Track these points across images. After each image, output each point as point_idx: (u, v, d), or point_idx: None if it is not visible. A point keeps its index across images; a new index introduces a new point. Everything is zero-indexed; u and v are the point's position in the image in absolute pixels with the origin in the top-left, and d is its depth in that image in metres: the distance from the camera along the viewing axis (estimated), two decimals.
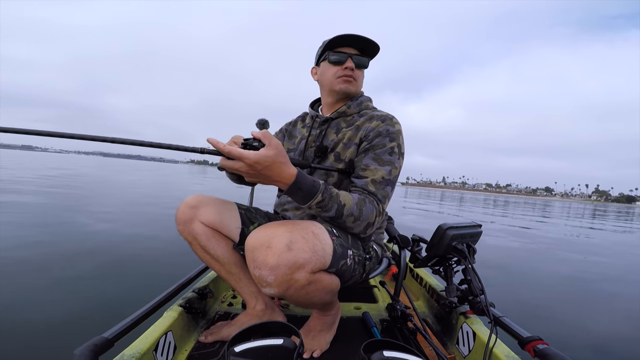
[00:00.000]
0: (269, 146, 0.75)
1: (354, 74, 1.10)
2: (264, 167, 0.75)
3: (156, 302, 1.06)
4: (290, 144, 1.27)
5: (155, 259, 2.95)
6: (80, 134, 0.70)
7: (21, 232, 3.47)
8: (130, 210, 5.71)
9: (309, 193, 0.84)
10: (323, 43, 1.13)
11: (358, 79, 1.12)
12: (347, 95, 1.14)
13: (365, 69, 1.15)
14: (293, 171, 0.80)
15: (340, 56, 1.09)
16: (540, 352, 0.86)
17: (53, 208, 5.12)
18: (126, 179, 15.17)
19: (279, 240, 0.78)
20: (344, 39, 1.08)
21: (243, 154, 0.72)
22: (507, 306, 2.48)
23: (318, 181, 0.87)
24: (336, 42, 1.09)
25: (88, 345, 0.76)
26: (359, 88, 1.15)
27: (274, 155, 0.75)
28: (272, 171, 0.77)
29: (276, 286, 0.79)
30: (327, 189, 0.88)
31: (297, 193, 0.83)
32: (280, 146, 0.77)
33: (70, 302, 1.95)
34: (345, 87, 1.10)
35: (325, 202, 0.87)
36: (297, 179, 0.81)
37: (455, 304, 1.25)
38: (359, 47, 1.10)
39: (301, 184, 0.82)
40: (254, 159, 0.73)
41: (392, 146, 1.02)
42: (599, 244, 6.87)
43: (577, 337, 2.11)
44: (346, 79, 1.10)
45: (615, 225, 12.50)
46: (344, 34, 1.08)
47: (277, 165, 0.76)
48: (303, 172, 0.84)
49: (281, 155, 0.77)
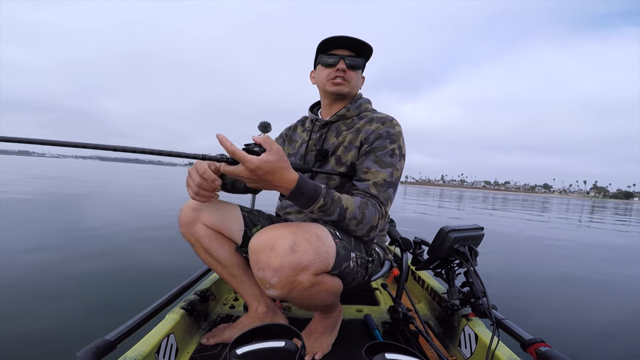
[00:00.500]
0: (269, 151, 0.75)
1: (347, 75, 1.09)
2: (265, 172, 0.75)
3: (158, 304, 1.06)
4: (290, 148, 1.26)
5: (157, 261, 2.96)
6: (88, 143, 0.64)
7: (20, 236, 3.49)
8: (133, 212, 5.73)
9: (311, 197, 0.84)
10: (318, 47, 1.13)
11: (352, 79, 1.11)
12: (341, 97, 1.14)
13: (360, 70, 1.14)
14: (294, 176, 0.80)
15: (332, 58, 1.09)
16: (543, 354, 0.86)
17: (55, 211, 5.14)
18: (126, 182, 15.24)
19: (282, 242, 0.78)
20: (336, 40, 1.08)
21: (246, 156, 0.72)
22: (508, 302, 2.46)
23: (320, 185, 0.87)
24: (328, 45, 1.09)
25: (90, 348, 0.76)
26: (354, 89, 1.14)
27: (275, 160, 0.75)
28: (274, 176, 0.77)
29: (280, 288, 0.80)
30: (329, 193, 0.88)
31: (298, 198, 0.83)
32: (281, 151, 0.77)
33: (73, 305, 1.96)
34: (337, 89, 1.10)
35: (328, 206, 0.87)
36: (299, 183, 0.81)
37: (457, 307, 1.24)
38: (352, 48, 1.10)
39: (303, 189, 0.82)
40: (255, 164, 0.73)
41: (393, 148, 1.02)
42: (598, 243, 6.83)
43: (579, 338, 2.09)
44: (338, 81, 1.09)
45: (615, 221, 12.45)
46: (335, 36, 1.07)
47: (278, 170, 0.76)
48: (304, 177, 0.84)
49: (282, 160, 0.77)
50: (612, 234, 8.61)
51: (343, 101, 1.16)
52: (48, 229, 3.85)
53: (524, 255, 4.89)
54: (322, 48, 1.11)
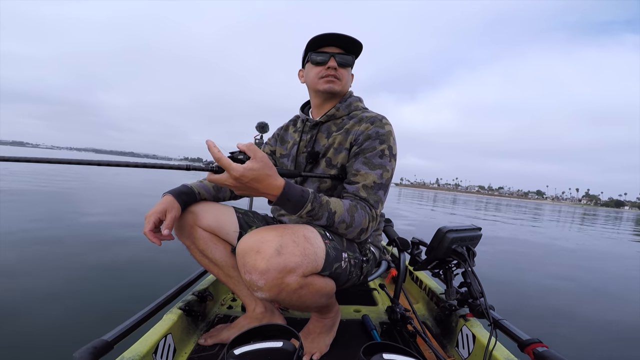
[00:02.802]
0: (254, 159, 0.76)
1: (338, 73, 1.07)
2: (250, 179, 0.76)
3: (156, 304, 1.06)
4: (282, 149, 1.25)
5: (154, 262, 2.95)
6: (74, 159, 0.78)
7: (17, 231, 3.47)
8: (131, 212, 5.71)
9: (298, 203, 0.85)
10: (307, 45, 1.10)
11: (343, 77, 1.09)
12: (333, 95, 1.11)
13: (350, 67, 1.11)
14: (280, 183, 0.81)
15: (322, 56, 1.06)
16: (540, 354, 0.87)
17: (52, 207, 5.11)
18: (123, 179, 15.19)
19: (268, 244, 0.79)
20: (326, 38, 1.05)
21: (231, 164, 0.74)
22: (507, 297, 2.47)
23: (307, 190, 0.87)
24: (318, 42, 1.06)
25: (87, 348, 0.76)
26: (345, 87, 1.12)
27: (259, 168, 0.76)
28: (260, 183, 0.78)
29: (267, 290, 0.80)
30: (316, 197, 0.88)
31: (286, 204, 0.84)
32: (266, 158, 0.78)
33: (70, 305, 1.95)
34: (329, 87, 1.07)
35: (316, 211, 0.87)
36: (285, 190, 0.82)
37: (455, 307, 1.25)
38: (341, 46, 1.07)
39: (289, 195, 0.83)
40: (240, 172, 0.74)
41: (383, 149, 1.01)
42: (594, 248, 6.86)
43: (576, 339, 2.10)
44: (330, 79, 1.07)
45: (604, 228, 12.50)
46: (325, 33, 1.04)
47: (263, 177, 0.77)
48: (291, 183, 0.84)
49: (267, 167, 0.78)
50: (609, 241, 8.64)
51: (333, 100, 1.13)
52: (43, 224, 3.84)
53: (523, 255, 4.91)
54: (312, 46, 1.08)
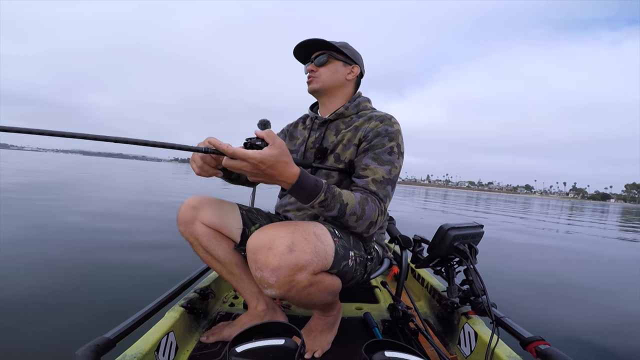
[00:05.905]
0: (272, 145, 0.75)
1: (315, 73, 1.15)
2: (268, 166, 0.75)
3: (158, 302, 1.06)
4: (291, 145, 1.28)
5: (157, 259, 2.96)
6: (90, 134, 0.63)
7: (15, 231, 3.48)
8: (131, 211, 5.72)
9: (312, 192, 0.85)
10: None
11: (321, 75, 1.15)
12: (322, 93, 1.18)
13: (327, 64, 1.15)
14: (296, 170, 0.81)
15: (304, 65, 1.20)
16: (542, 352, 0.86)
17: (51, 207, 5.13)
18: (120, 178, 15.23)
19: (280, 241, 0.78)
20: (298, 51, 1.17)
21: (247, 154, 0.72)
22: (508, 295, 2.47)
23: (321, 180, 0.88)
24: (297, 55, 1.19)
25: (90, 346, 0.76)
26: (327, 81, 1.16)
27: (278, 155, 0.75)
28: (276, 170, 0.77)
29: (278, 287, 0.80)
30: (329, 188, 0.88)
31: (300, 192, 0.84)
32: (284, 145, 0.78)
33: (72, 302, 1.96)
34: (309, 88, 1.18)
35: (328, 201, 0.87)
36: (300, 178, 0.81)
37: (457, 305, 1.24)
38: (314, 49, 1.16)
39: (304, 183, 0.83)
40: (258, 159, 0.73)
41: (392, 146, 1.03)
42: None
43: (579, 336, 2.10)
44: (309, 81, 1.18)
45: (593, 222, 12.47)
46: (295, 47, 1.15)
47: (280, 164, 0.77)
48: (306, 172, 0.84)
49: (285, 154, 0.77)
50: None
51: (331, 97, 1.19)
52: (41, 222, 3.85)
53: (522, 255, 4.90)
54: (298, 59, 1.21)
